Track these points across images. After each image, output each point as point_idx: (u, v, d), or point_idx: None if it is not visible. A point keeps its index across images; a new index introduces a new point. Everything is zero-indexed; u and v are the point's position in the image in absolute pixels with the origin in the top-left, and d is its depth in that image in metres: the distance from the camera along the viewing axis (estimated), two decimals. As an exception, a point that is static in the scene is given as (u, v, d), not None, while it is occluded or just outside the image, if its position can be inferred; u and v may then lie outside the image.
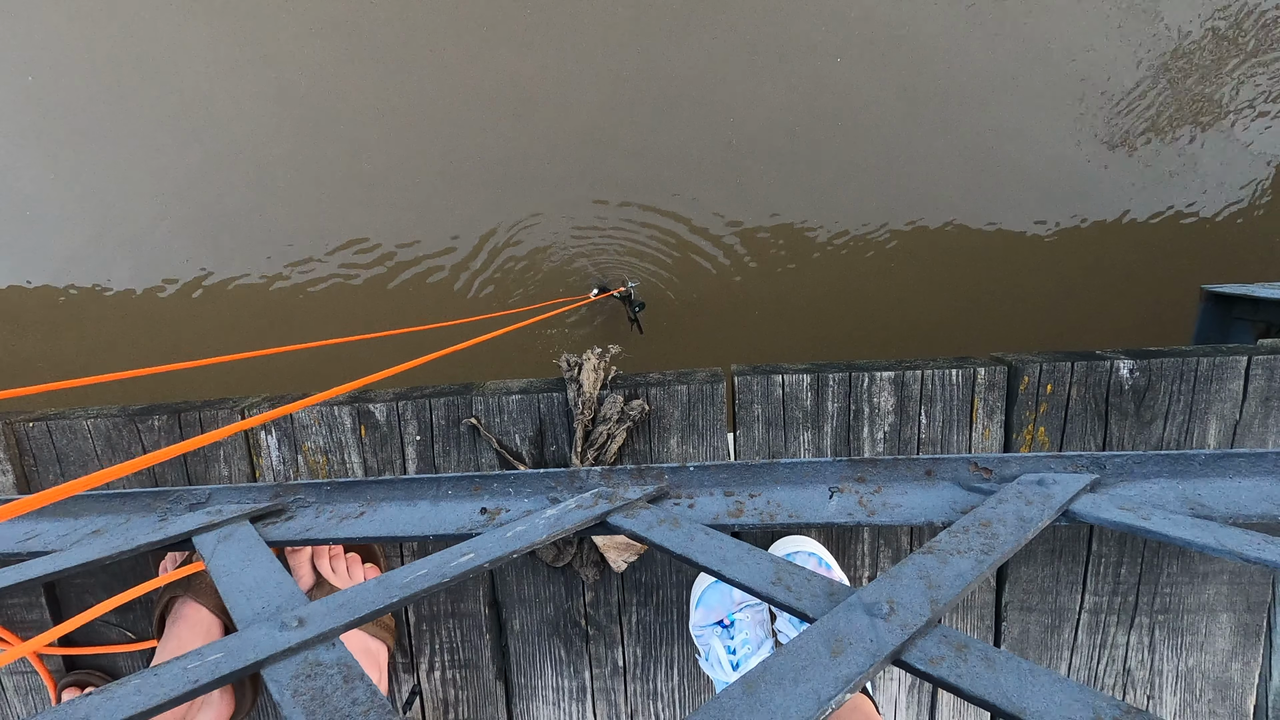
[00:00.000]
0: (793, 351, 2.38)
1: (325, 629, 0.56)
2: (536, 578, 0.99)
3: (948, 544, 0.63)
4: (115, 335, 2.36)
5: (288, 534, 0.82)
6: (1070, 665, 0.98)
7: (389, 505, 0.85)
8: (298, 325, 2.33)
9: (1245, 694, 0.98)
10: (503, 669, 1.03)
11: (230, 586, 0.66)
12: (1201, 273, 2.34)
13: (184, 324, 2.35)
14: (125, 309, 2.35)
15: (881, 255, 2.35)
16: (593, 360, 0.92)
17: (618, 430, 0.90)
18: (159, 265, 2.33)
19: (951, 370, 0.89)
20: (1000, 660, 0.48)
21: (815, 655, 0.48)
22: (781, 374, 0.90)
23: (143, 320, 2.36)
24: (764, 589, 0.58)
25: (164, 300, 2.35)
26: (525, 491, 0.83)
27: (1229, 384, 0.88)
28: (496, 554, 0.66)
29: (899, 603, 0.53)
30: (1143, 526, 0.67)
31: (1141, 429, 0.90)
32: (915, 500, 0.77)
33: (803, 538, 0.96)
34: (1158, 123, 2.28)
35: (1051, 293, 2.39)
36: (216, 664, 0.52)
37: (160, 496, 0.91)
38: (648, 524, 0.72)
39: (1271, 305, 1.99)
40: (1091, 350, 0.92)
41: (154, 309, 2.35)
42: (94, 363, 2.36)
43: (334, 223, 2.29)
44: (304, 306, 2.34)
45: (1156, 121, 2.28)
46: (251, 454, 1.01)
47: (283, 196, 2.28)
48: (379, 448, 0.97)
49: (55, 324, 2.35)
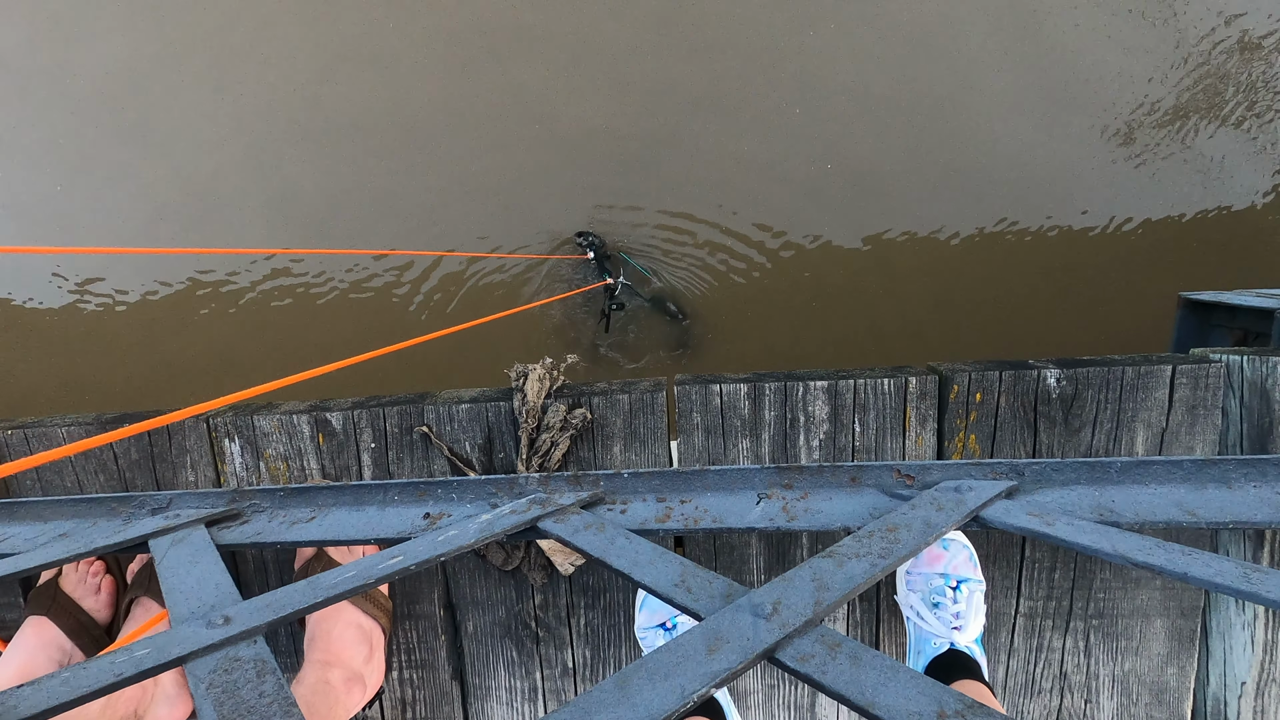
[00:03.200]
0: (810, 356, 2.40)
1: (249, 626, 0.59)
2: (488, 581, 1.03)
3: (849, 548, 0.65)
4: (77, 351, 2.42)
5: (240, 538, 0.86)
6: (1008, 668, 1.00)
7: (338, 510, 0.89)
8: (300, 335, 2.39)
9: (1182, 698, 0.99)
10: (458, 669, 1.06)
11: (173, 586, 0.70)
12: (1182, 282, 2.34)
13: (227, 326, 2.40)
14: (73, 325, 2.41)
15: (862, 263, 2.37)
16: (538, 370, 0.95)
17: (561, 438, 0.93)
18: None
19: (884, 379, 0.92)
20: (867, 658, 0.50)
21: (692, 652, 0.51)
22: (720, 383, 0.93)
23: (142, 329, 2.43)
24: (665, 590, 0.61)
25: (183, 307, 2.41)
26: (468, 497, 0.87)
27: (1155, 393, 0.90)
28: (424, 557, 0.70)
29: (785, 603, 0.56)
30: (1046, 532, 0.69)
31: (1070, 437, 0.92)
32: (838, 506, 0.80)
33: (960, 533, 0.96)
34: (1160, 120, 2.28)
35: (1038, 297, 2.40)
36: (141, 659, 0.56)
37: (125, 501, 0.95)
38: (574, 529, 0.75)
39: (1247, 312, 2.00)
40: (1024, 360, 0.94)
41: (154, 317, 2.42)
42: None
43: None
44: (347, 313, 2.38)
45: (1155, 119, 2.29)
46: (217, 461, 1.05)
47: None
48: (336, 455, 1.01)
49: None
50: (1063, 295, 2.40)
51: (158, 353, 2.42)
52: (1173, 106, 2.28)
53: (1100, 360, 0.92)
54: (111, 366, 2.43)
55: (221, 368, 2.39)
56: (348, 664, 0.95)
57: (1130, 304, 2.39)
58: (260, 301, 2.40)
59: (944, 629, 0.89)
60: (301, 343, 2.39)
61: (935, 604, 0.91)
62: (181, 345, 2.41)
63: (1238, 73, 2.26)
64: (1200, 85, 2.27)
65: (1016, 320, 2.38)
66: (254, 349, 2.40)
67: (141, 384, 2.43)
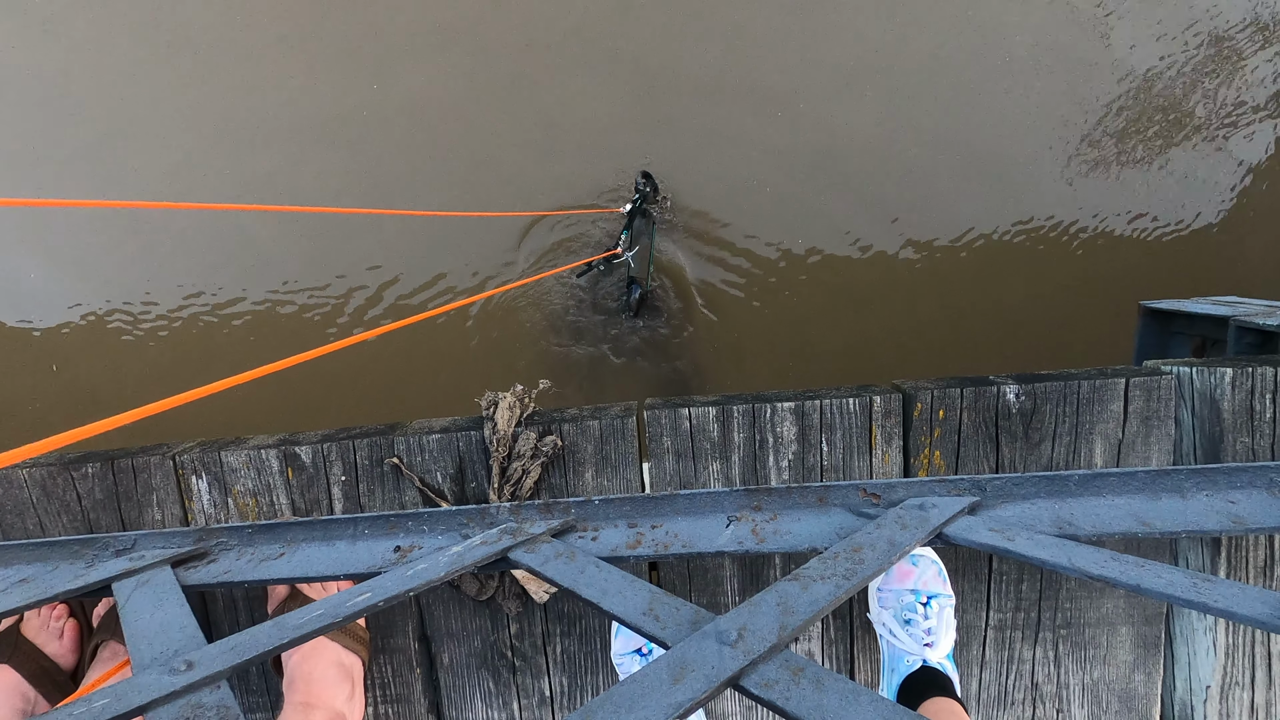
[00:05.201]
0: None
1: (212, 672, 0.58)
2: (463, 611, 1.02)
3: (815, 570, 0.66)
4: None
5: (207, 577, 0.85)
6: (980, 681, 1.01)
7: (308, 546, 0.88)
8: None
9: (1150, 704, 1.01)
10: (435, 703, 1.05)
11: (135, 631, 0.69)
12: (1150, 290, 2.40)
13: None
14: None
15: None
16: (508, 398, 0.96)
17: (532, 466, 0.93)
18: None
19: (849, 399, 0.93)
20: (830, 683, 0.51)
21: (657, 682, 0.51)
22: (689, 407, 0.94)
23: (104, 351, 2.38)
24: (634, 619, 0.62)
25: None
26: (439, 529, 0.86)
27: (1110, 405, 0.93)
28: (393, 592, 0.69)
29: (750, 629, 0.57)
30: (1006, 548, 0.71)
31: (1031, 450, 0.94)
32: (806, 527, 0.81)
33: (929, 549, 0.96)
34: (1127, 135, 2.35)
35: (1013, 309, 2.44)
36: (100, 710, 0.55)
37: (88, 544, 0.93)
38: (545, 558, 0.75)
39: (1204, 320, 2.06)
40: (984, 375, 0.96)
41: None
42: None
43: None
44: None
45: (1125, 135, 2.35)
46: (184, 499, 1.03)
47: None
48: (306, 489, 1.00)
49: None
50: (1029, 305, 2.45)
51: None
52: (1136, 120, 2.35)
53: (1058, 375, 0.94)
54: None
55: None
56: (329, 704, 0.94)
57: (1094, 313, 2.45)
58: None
59: (916, 646, 0.90)
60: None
61: (907, 620, 0.92)
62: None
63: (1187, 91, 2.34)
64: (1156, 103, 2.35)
65: (984, 334, 2.42)
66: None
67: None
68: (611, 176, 2.30)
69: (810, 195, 2.34)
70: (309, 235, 2.32)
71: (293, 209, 2.33)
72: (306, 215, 2.27)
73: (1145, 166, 2.40)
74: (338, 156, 2.30)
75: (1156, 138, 2.38)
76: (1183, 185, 2.41)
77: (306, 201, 2.25)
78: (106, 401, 2.38)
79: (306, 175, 2.31)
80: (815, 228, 2.36)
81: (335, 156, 2.30)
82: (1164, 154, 2.39)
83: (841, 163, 2.34)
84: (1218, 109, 2.37)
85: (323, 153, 2.30)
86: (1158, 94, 2.35)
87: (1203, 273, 2.48)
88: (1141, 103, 2.36)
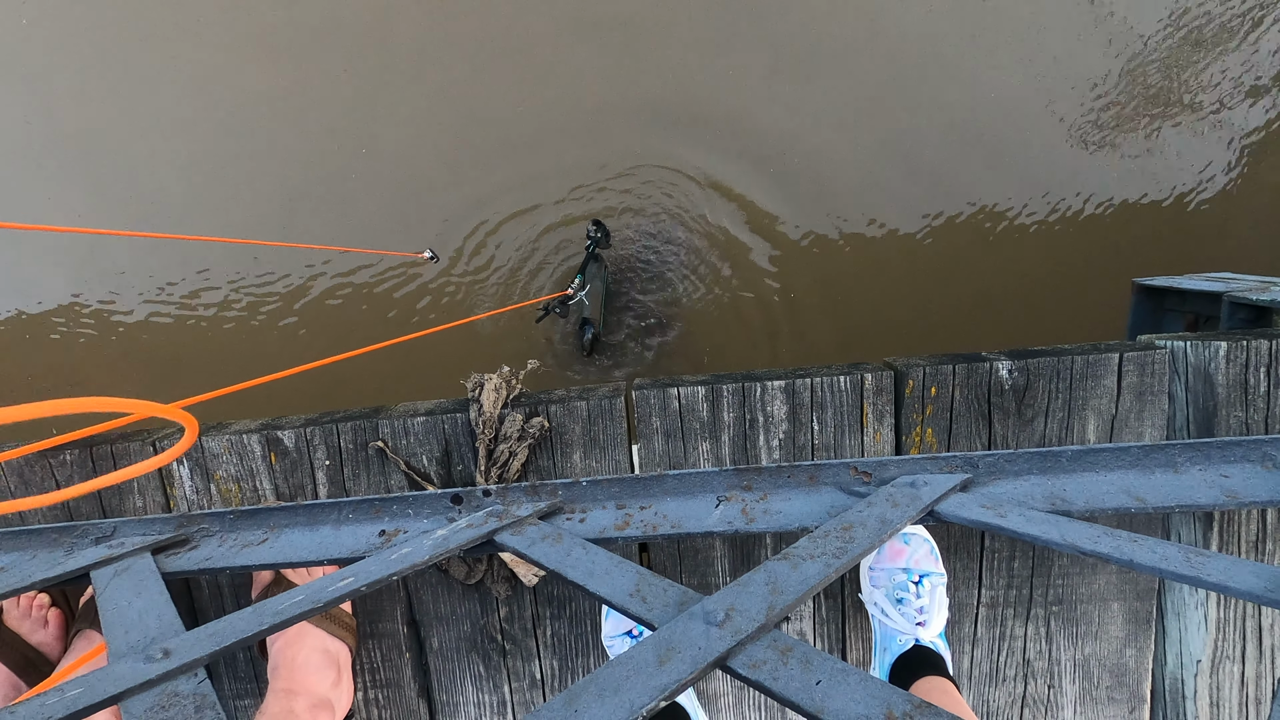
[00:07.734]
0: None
1: (189, 660, 0.57)
2: (451, 595, 1.01)
3: (805, 549, 0.65)
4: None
5: (188, 564, 0.83)
6: (972, 658, 1.01)
7: (292, 531, 0.86)
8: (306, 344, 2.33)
9: (1141, 679, 1.01)
10: (425, 687, 1.04)
11: (113, 619, 0.68)
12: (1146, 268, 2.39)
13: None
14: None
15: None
16: (494, 380, 0.94)
17: (519, 448, 0.92)
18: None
19: (840, 377, 0.92)
20: (818, 662, 0.50)
21: (643, 664, 0.50)
22: (678, 386, 0.93)
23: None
24: (620, 601, 0.61)
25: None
26: (424, 512, 0.85)
27: (1103, 380, 0.92)
28: (376, 577, 0.68)
29: (738, 609, 0.56)
30: (999, 524, 0.70)
31: (1024, 427, 0.93)
32: (796, 506, 0.80)
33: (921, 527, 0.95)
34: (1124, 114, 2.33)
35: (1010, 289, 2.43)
36: (74, 699, 0.53)
37: (67, 531, 0.91)
38: (531, 540, 0.74)
39: (1198, 296, 2.05)
40: (976, 352, 0.95)
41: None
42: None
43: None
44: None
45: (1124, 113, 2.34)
46: (165, 485, 1.01)
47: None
48: (289, 474, 0.98)
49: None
50: (1021, 283, 2.44)
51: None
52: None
53: (1050, 350, 0.93)
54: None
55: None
56: (313, 690, 0.93)
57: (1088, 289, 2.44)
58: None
59: (908, 625, 0.90)
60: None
61: (899, 599, 0.91)
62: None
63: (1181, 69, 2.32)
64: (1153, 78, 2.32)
65: (982, 308, 2.41)
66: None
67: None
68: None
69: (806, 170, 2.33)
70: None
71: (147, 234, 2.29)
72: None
73: (1139, 140, 2.38)
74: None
75: (1144, 114, 2.36)
76: (1176, 162, 2.39)
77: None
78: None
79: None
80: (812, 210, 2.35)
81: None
82: (1156, 133, 2.37)
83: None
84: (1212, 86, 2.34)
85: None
86: (1153, 70, 2.33)
87: (1196, 249, 2.47)
88: (1135, 81, 2.33)
